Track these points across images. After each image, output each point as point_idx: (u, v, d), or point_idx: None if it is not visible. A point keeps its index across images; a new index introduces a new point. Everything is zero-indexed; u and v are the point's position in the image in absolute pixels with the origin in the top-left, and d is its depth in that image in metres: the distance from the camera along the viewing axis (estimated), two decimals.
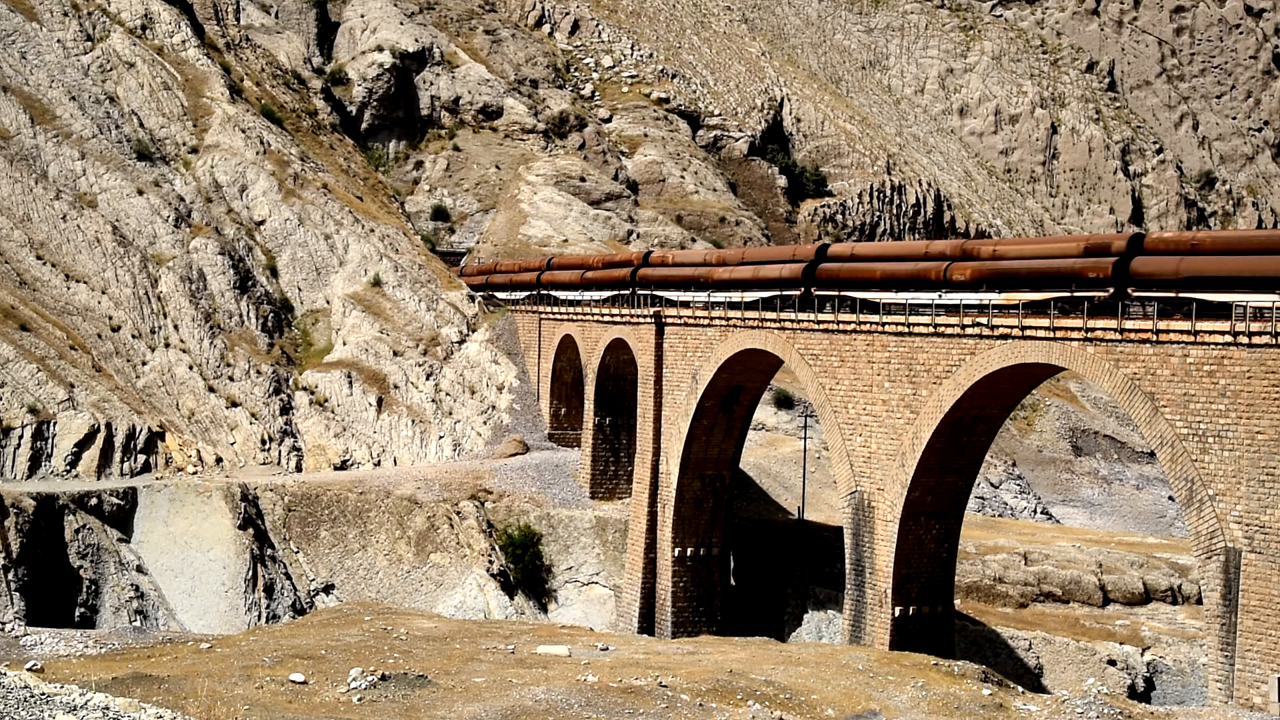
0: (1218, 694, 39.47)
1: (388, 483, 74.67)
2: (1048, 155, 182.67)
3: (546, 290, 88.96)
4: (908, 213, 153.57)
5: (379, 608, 55.61)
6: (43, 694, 20.44)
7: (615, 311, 74.09)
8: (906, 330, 50.95)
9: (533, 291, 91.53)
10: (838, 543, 61.09)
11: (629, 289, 76.41)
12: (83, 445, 75.57)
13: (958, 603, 59.15)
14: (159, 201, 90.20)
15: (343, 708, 31.81)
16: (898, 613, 51.37)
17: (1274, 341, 38.30)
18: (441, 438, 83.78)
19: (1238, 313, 39.96)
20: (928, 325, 50.10)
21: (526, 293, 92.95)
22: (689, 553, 66.27)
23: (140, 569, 67.61)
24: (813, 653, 43.04)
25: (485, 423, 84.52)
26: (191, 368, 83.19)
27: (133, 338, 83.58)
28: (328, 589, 70.21)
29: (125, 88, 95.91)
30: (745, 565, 69.26)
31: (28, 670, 27.05)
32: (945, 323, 49.50)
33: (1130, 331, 42.48)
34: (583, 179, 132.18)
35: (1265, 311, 39.26)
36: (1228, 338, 39.47)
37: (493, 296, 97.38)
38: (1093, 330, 43.70)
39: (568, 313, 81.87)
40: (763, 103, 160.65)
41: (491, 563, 70.24)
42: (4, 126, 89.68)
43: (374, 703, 32.36)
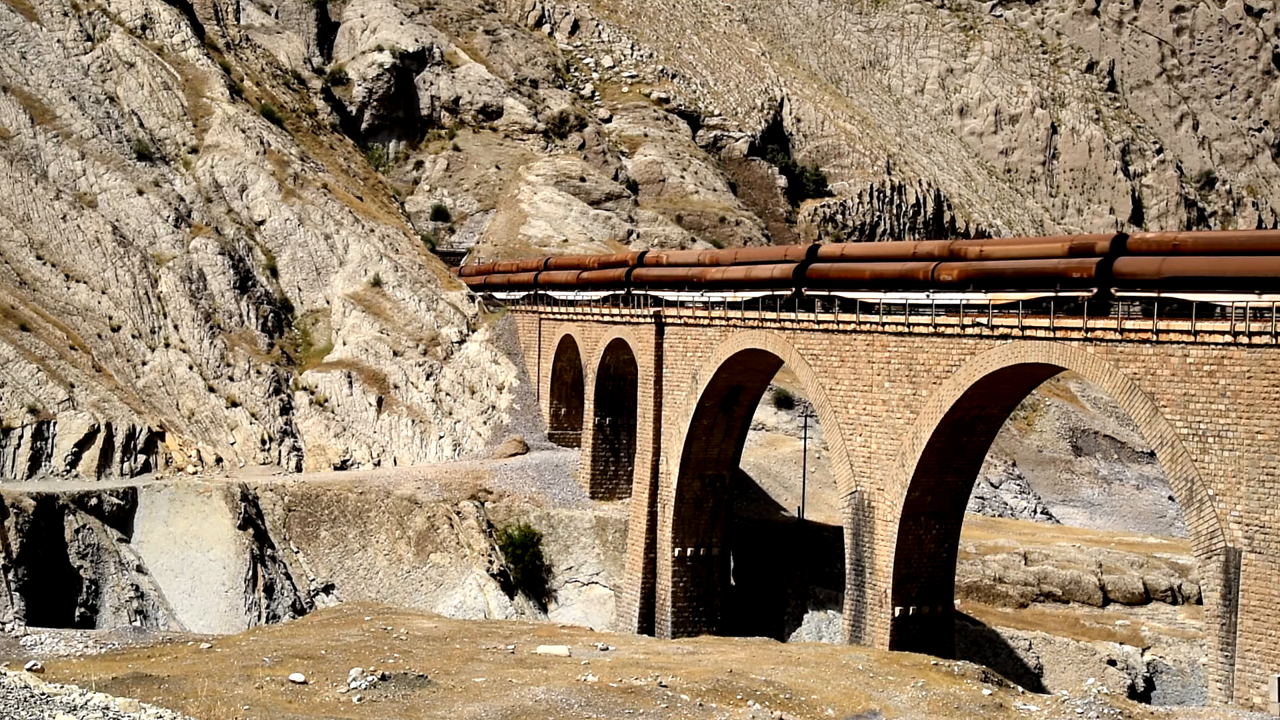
0: (1218, 694, 39.47)
1: (388, 483, 74.68)
2: (1048, 155, 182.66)
3: (543, 290, 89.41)
4: (908, 213, 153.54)
5: (379, 608, 55.61)
6: (43, 694, 20.44)
7: (615, 311, 74.11)
8: (906, 330, 50.95)
9: (530, 291, 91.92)
10: (838, 543, 61.10)
11: (624, 289, 76.90)
12: (83, 445, 75.60)
13: (958, 603, 59.15)
14: (159, 201, 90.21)
15: (343, 708, 31.81)
16: (898, 613, 51.38)
17: (1274, 341, 38.29)
18: (441, 438, 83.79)
19: (1220, 312, 40.37)
20: (928, 325, 50.09)
21: (524, 293, 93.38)
22: (689, 553, 66.28)
23: (140, 569, 67.62)
24: (813, 653, 43.03)
25: (485, 423, 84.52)
26: (191, 368, 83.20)
27: (133, 338, 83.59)
28: (328, 589, 70.22)
29: (125, 88, 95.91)
30: (745, 565, 69.26)
31: (28, 670, 27.05)
32: (945, 323, 49.49)
33: (1130, 331, 42.48)
34: (583, 179, 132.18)
35: (1247, 311, 39.51)
36: (1228, 338, 39.46)
37: (491, 296, 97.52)
38: (1093, 330, 43.69)
39: (568, 313, 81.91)
40: (763, 103, 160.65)
41: (491, 563, 70.25)
42: (4, 126, 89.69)
43: (374, 703, 32.36)
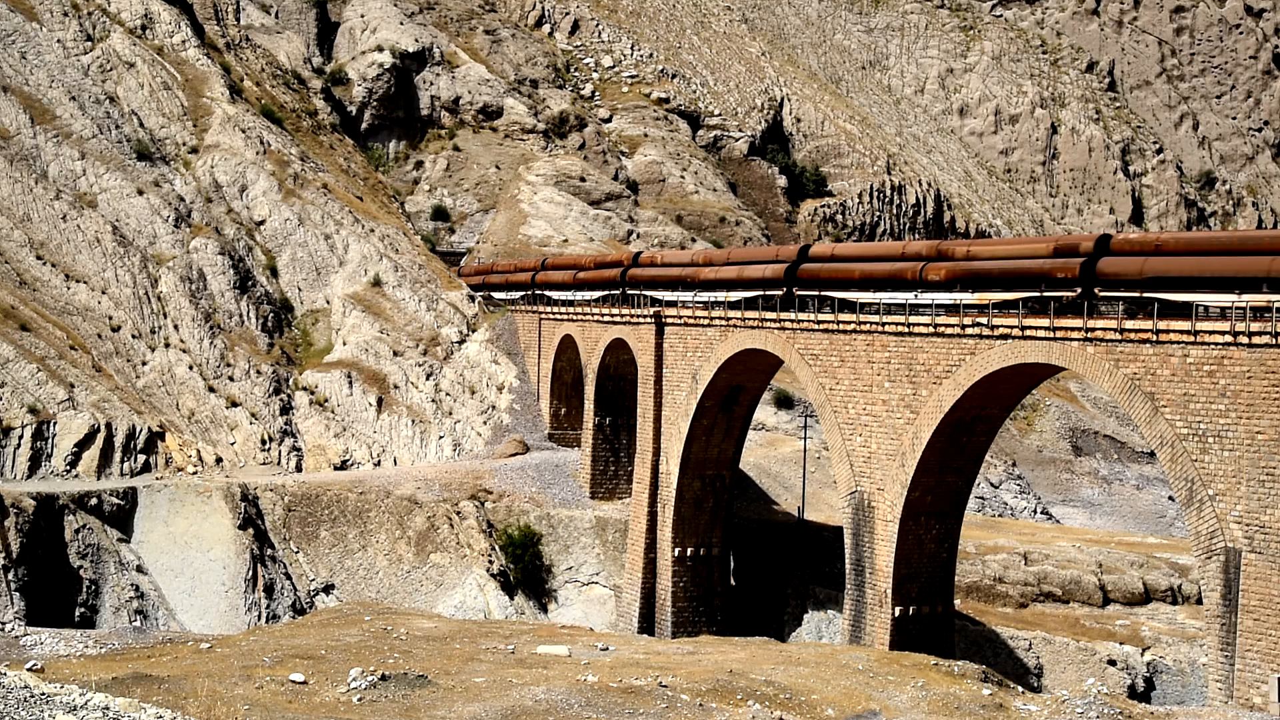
0: (1218, 694, 39.47)
1: (388, 483, 74.67)
2: (1048, 155, 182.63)
3: (541, 290, 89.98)
4: (908, 213, 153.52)
5: (379, 608, 55.60)
6: (43, 694, 20.44)
7: (615, 311, 74.17)
8: (906, 330, 50.95)
9: (528, 291, 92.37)
10: (838, 543, 61.09)
11: (619, 289, 77.64)
12: (83, 445, 75.60)
13: (958, 603, 59.15)
14: (159, 201, 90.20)
15: (343, 708, 31.81)
16: (898, 613, 51.37)
17: (1274, 341, 38.29)
18: (441, 438, 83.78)
19: (1203, 311, 40.99)
20: (927, 325, 50.10)
21: (522, 292, 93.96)
22: (689, 553, 66.27)
23: (140, 569, 67.62)
24: (813, 653, 43.03)
25: (485, 423, 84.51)
26: (191, 368, 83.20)
27: (133, 338, 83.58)
28: (328, 589, 70.21)
29: (125, 88, 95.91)
30: (745, 565, 69.25)
31: (28, 670, 27.05)
32: (945, 323, 49.51)
33: (1130, 331, 42.49)
34: (583, 179, 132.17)
35: (1239, 311, 39.95)
36: (1228, 338, 39.47)
37: (491, 296, 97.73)
38: (1093, 330, 43.71)
39: (568, 313, 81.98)
40: (763, 103, 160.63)
41: (491, 563, 70.24)
42: (4, 126, 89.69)
43: (374, 703, 32.36)
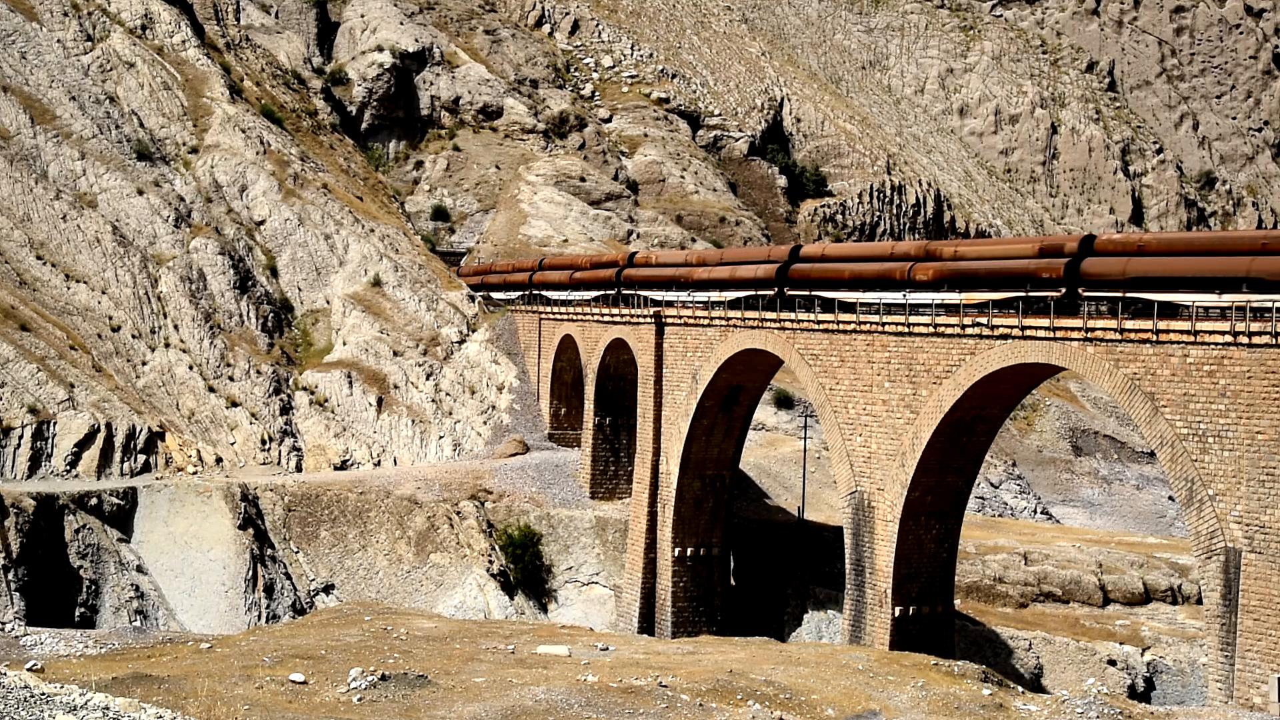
0: (1218, 694, 39.47)
1: (388, 483, 74.67)
2: (1048, 155, 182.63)
3: (538, 290, 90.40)
4: (908, 213, 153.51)
5: (379, 608, 55.59)
6: (43, 694, 20.44)
7: (615, 311, 74.23)
8: (906, 330, 50.96)
9: (525, 291, 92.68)
10: (838, 543, 61.09)
11: (615, 289, 78.27)
12: (83, 445, 75.59)
13: (958, 603, 59.14)
14: (159, 201, 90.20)
15: (343, 708, 31.81)
16: (898, 613, 51.37)
17: (1274, 341, 38.30)
18: (441, 438, 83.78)
19: (1182, 311, 41.56)
20: (928, 325, 50.13)
21: (519, 292, 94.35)
22: (689, 553, 66.27)
23: (140, 569, 67.61)
24: (813, 653, 43.02)
25: (485, 423, 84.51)
26: (191, 368, 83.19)
27: (133, 338, 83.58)
28: (328, 589, 70.21)
29: (125, 88, 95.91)
30: (745, 565, 69.25)
31: (28, 670, 27.04)
32: (945, 323, 49.54)
33: (1130, 331, 42.51)
34: (583, 179, 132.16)
35: (1210, 309, 40.71)
36: (1228, 338, 39.48)
37: (490, 296, 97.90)
38: (1093, 330, 43.73)
39: (568, 313, 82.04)
40: (763, 103, 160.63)
41: (491, 563, 70.24)
42: (4, 126, 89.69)
43: (374, 703, 32.36)
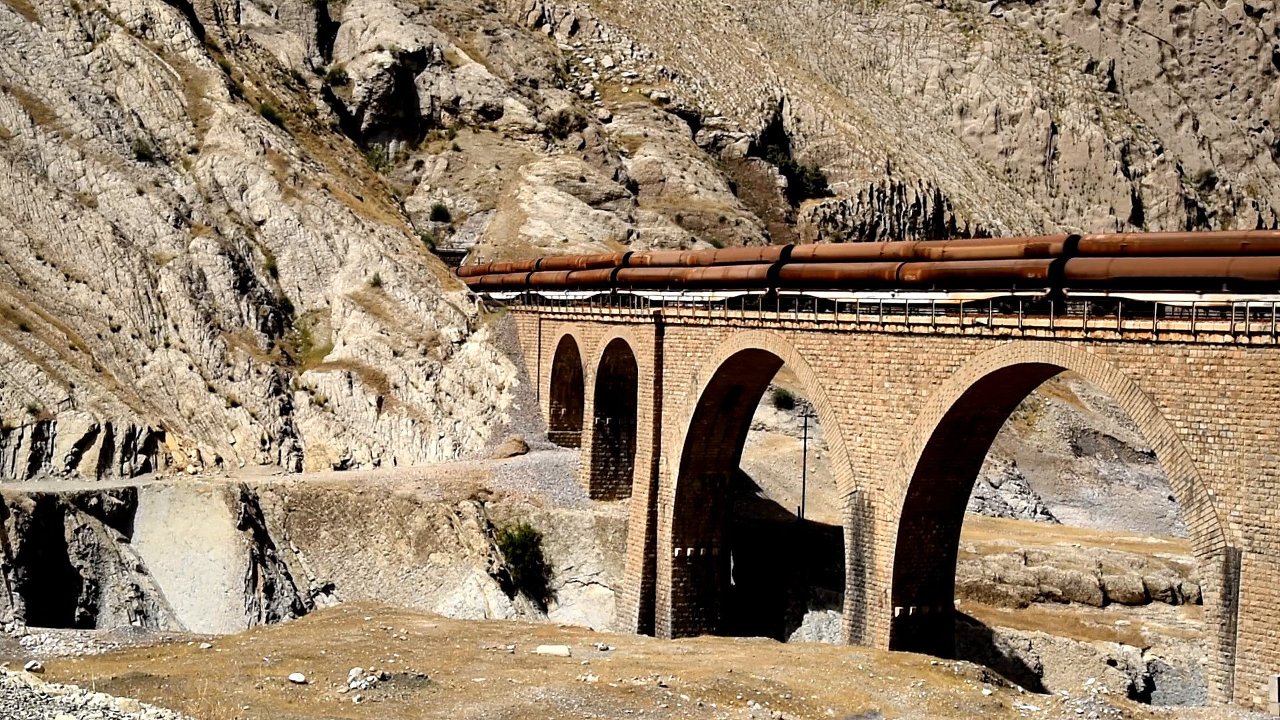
0: (1218, 694, 39.46)
1: (388, 483, 74.66)
2: (1048, 155, 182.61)
3: (535, 290, 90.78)
4: (908, 213, 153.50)
5: (379, 608, 55.59)
6: (43, 694, 20.44)
7: (615, 311, 74.28)
8: (906, 330, 50.97)
9: (523, 291, 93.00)
10: (838, 543, 61.08)
11: (611, 289, 78.91)
12: (83, 445, 75.59)
13: (958, 603, 59.14)
14: (159, 201, 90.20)
15: (343, 708, 31.80)
16: (898, 613, 51.36)
17: (1274, 341, 38.30)
18: (441, 438, 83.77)
19: (1169, 311, 42.14)
20: (928, 325, 50.15)
21: (518, 292, 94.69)
22: (689, 553, 66.27)
23: (140, 569, 67.61)
24: (813, 653, 43.02)
25: (485, 423, 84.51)
26: (191, 368, 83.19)
27: (133, 338, 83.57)
28: (328, 589, 70.20)
29: (125, 88, 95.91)
30: (745, 565, 69.25)
31: (28, 670, 27.04)
32: (945, 323, 49.56)
33: (1130, 331, 42.52)
34: (583, 179, 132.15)
35: (1189, 311, 41.15)
36: (1228, 338, 39.48)
37: (489, 296, 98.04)
38: (1093, 330, 43.74)
39: (568, 313, 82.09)
40: (763, 103, 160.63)
41: (491, 563, 70.23)
42: (4, 126, 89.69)
43: (374, 703, 32.36)
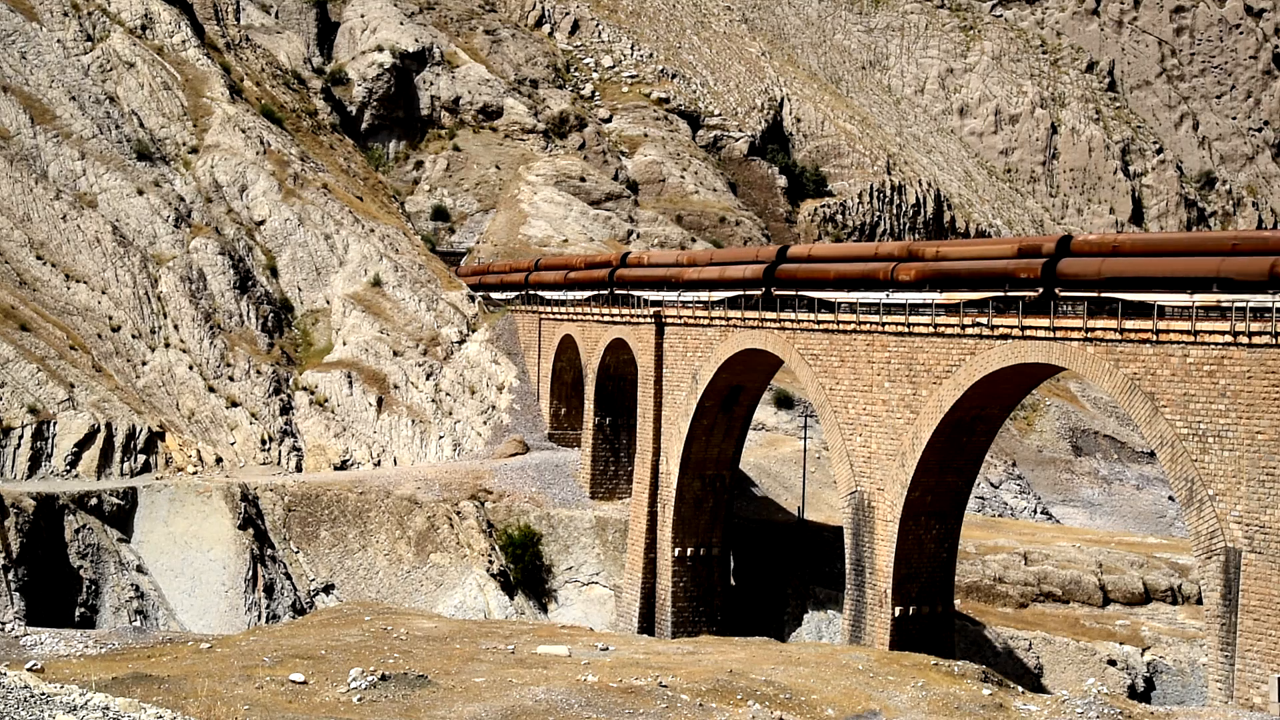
0: (1218, 694, 39.46)
1: (388, 483, 74.67)
2: (1048, 155, 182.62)
3: (534, 290, 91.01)
4: (908, 213, 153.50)
5: (379, 608, 55.59)
6: (43, 694, 20.44)
7: (615, 311, 74.31)
8: (906, 330, 50.98)
9: (522, 291, 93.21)
10: (838, 543, 61.08)
11: (608, 289, 79.19)
12: (83, 445, 75.58)
13: (958, 603, 59.14)
14: (159, 201, 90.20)
15: (343, 708, 31.80)
16: (898, 613, 51.36)
17: (1274, 341, 38.30)
18: (441, 438, 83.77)
19: (1160, 311, 42.21)
20: (928, 325, 50.16)
21: (516, 293, 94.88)
22: (689, 553, 66.27)
23: (140, 569, 67.61)
24: (813, 653, 43.01)
25: (485, 423, 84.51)
26: (191, 368, 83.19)
27: (133, 338, 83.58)
28: (328, 589, 70.21)
29: (125, 88, 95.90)
30: (745, 565, 69.25)
31: (28, 670, 27.04)
32: (945, 323, 49.58)
33: (1130, 331, 42.53)
34: (583, 179, 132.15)
35: (1185, 310, 41.37)
36: (1228, 338, 39.48)
37: (489, 296, 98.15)
38: (1093, 330, 43.75)
39: (568, 313, 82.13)
40: (763, 103, 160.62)
41: (491, 563, 70.23)
42: (4, 126, 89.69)
43: (374, 703, 32.36)
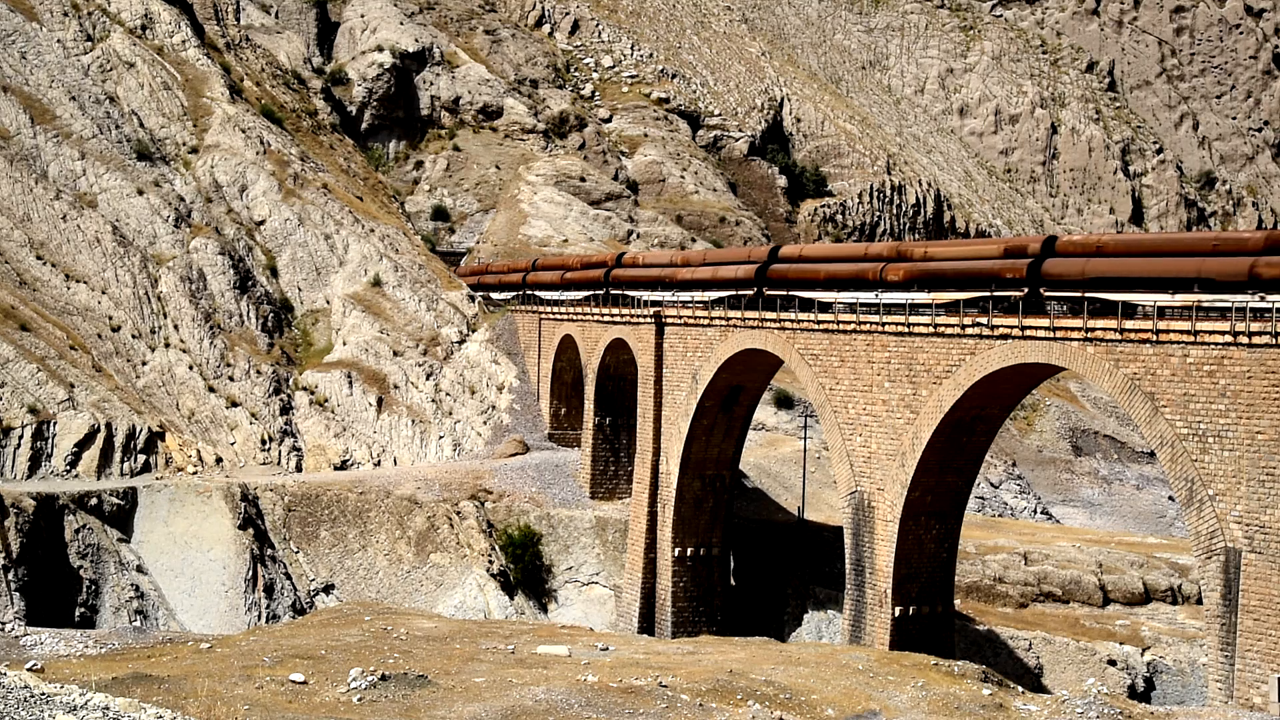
0: (1218, 694, 39.46)
1: (388, 483, 74.67)
2: (1048, 155, 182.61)
3: (531, 290, 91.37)
4: (908, 213, 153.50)
5: (379, 608, 55.59)
6: (43, 694, 20.44)
7: (615, 311, 74.35)
8: (906, 330, 50.99)
9: (520, 291, 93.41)
10: (838, 543, 61.09)
11: (604, 289, 79.54)
12: (83, 445, 75.58)
13: (958, 603, 59.14)
14: (159, 201, 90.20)
15: (343, 708, 31.81)
16: (898, 613, 51.36)
17: (1274, 341, 38.30)
18: (441, 438, 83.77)
19: (1143, 310, 42.77)
20: (928, 325, 50.17)
21: (514, 293, 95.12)
22: (689, 553, 66.27)
23: (140, 569, 67.61)
24: (813, 653, 43.02)
25: (485, 423, 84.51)
26: (191, 368, 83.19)
27: (133, 338, 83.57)
28: (328, 589, 70.21)
29: (125, 88, 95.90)
30: (745, 565, 69.25)
31: (28, 670, 27.04)
32: (945, 323, 49.59)
33: (1130, 331, 42.53)
34: (583, 179, 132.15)
35: (1166, 311, 41.81)
36: (1228, 338, 39.49)
37: (489, 297, 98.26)
38: (1093, 330, 43.76)
39: (568, 313, 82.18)
40: (763, 103, 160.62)
41: (491, 563, 70.23)
42: (4, 126, 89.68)
43: (374, 703, 32.36)
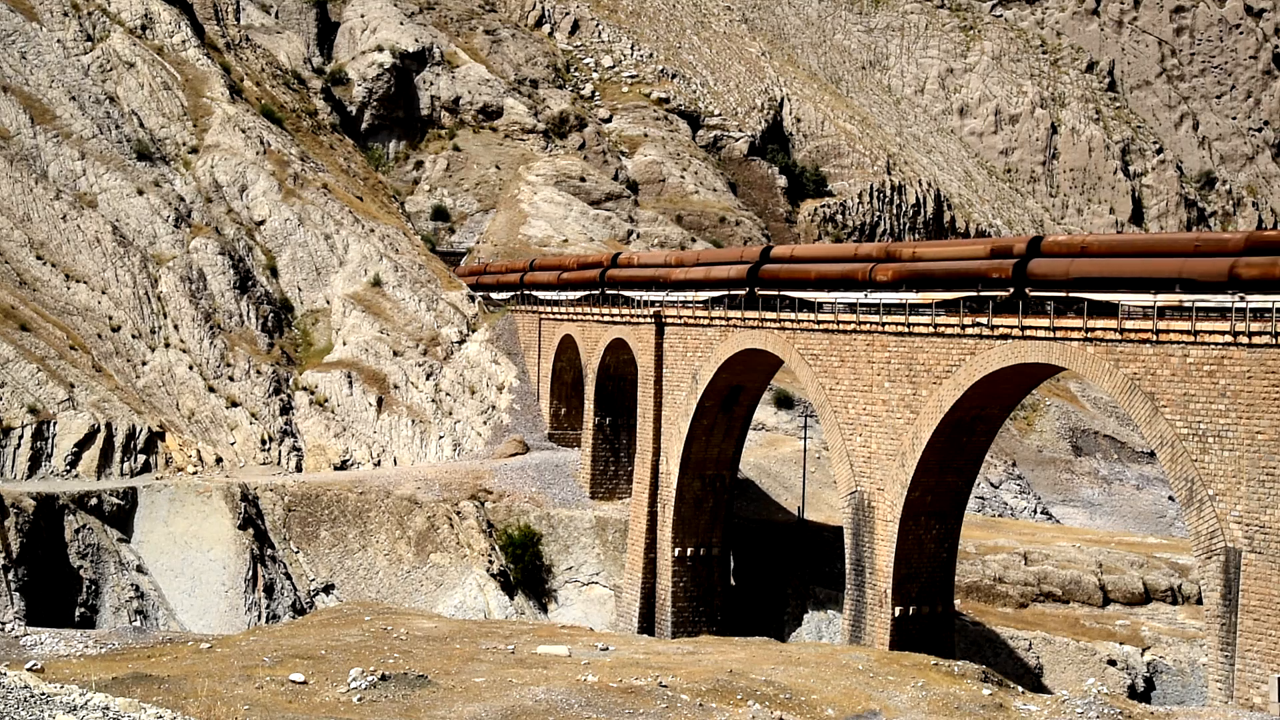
0: (1218, 694, 39.47)
1: (388, 483, 74.67)
2: (1048, 155, 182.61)
3: (529, 290, 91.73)
4: (908, 213, 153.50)
5: (379, 608, 55.59)
6: (43, 694, 20.44)
7: (615, 311, 74.40)
8: (906, 330, 51.00)
9: (517, 291, 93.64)
10: (838, 543, 61.09)
11: (599, 289, 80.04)
12: (83, 445, 75.58)
13: (958, 603, 59.15)
14: (159, 201, 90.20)
15: (343, 708, 31.81)
16: (898, 613, 51.37)
17: (1274, 341, 38.30)
18: (441, 438, 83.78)
19: (1125, 310, 43.13)
20: (928, 325, 50.19)
21: (512, 293, 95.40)
22: (689, 553, 66.28)
23: (140, 569, 67.61)
24: (813, 653, 43.02)
25: (485, 423, 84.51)
26: (191, 368, 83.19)
27: (133, 338, 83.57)
28: (328, 589, 70.21)
29: (125, 88, 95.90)
30: (745, 565, 69.26)
31: (28, 670, 27.04)
32: (945, 323, 49.61)
33: (1130, 331, 42.54)
34: (583, 179, 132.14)
35: (1147, 310, 42.18)
36: (1228, 338, 39.49)
37: (488, 297, 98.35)
38: (1093, 330, 43.77)
39: (568, 313, 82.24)
40: (763, 103, 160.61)
41: (491, 563, 70.24)
42: (4, 126, 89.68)
43: (374, 703, 32.36)
